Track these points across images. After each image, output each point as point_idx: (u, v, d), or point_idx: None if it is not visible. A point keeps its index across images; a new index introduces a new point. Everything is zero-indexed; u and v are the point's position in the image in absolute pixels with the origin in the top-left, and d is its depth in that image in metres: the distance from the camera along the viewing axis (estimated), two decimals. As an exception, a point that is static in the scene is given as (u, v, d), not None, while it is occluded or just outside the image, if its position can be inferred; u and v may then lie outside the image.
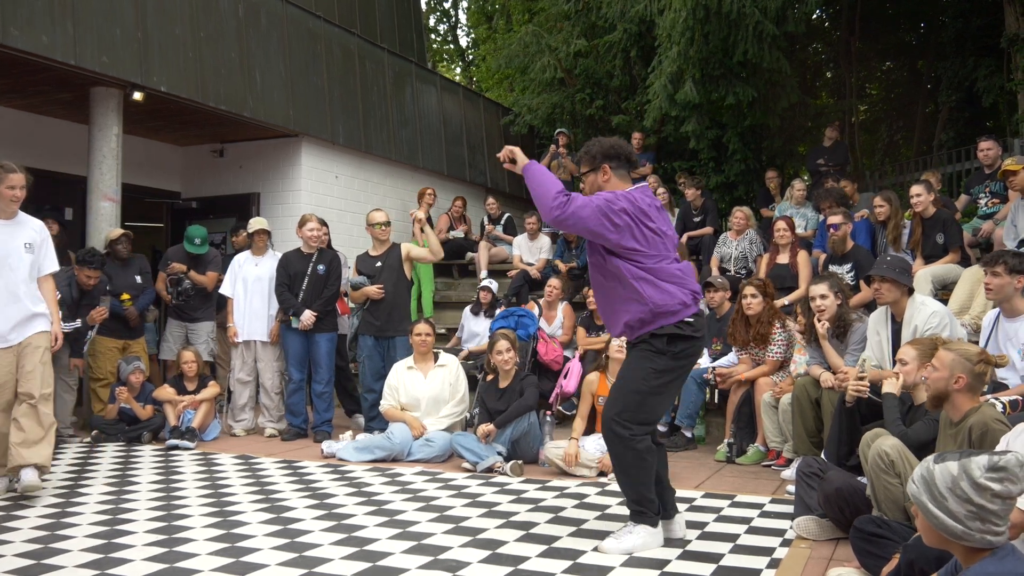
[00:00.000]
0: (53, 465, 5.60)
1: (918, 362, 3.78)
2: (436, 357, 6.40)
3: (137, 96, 7.31)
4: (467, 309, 8.46)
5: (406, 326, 6.63)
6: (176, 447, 6.34)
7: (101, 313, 6.64)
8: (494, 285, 8.41)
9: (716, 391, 6.47)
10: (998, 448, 3.02)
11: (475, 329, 8.24)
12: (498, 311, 8.06)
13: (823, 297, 5.23)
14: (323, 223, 7.37)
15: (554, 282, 7.92)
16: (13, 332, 4.78)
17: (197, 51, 7.82)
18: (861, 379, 4.18)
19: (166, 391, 6.78)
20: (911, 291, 4.90)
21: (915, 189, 6.68)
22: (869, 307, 6.15)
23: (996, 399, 3.59)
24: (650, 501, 3.77)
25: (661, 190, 9.25)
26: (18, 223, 4.89)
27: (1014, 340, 4.39)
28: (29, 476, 4.65)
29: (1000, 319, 4.56)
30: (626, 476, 3.78)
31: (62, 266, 7.24)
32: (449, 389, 6.27)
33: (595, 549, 3.74)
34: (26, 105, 8.07)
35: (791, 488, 4.56)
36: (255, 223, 7.37)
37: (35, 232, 4.95)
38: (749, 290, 6.02)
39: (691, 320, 3.70)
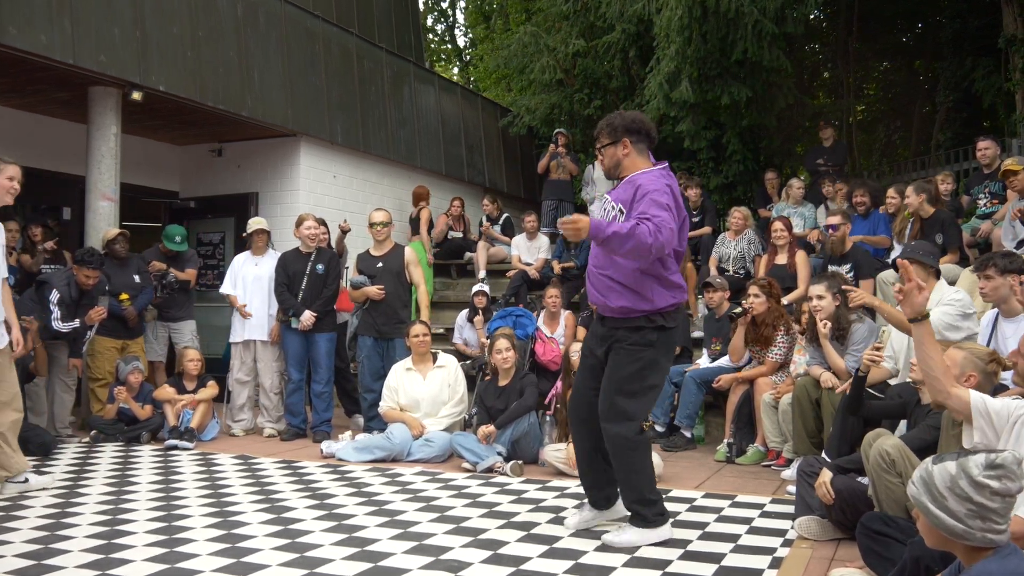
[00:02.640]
0: (52, 464, 5.61)
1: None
2: (435, 358, 6.40)
3: (136, 96, 7.29)
4: (461, 316, 8.28)
5: (405, 327, 6.62)
6: (175, 447, 6.33)
7: (100, 313, 6.62)
8: (487, 288, 8.27)
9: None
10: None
11: (469, 338, 8.16)
12: (494, 312, 8.04)
13: (819, 297, 5.24)
14: (322, 223, 7.36)
15: (553, 291, 7.82)
16: None
17: (196, 50, 7.81)
18: (879, 349, 4.28)
19: (166, 391, 6.76)
20: (938, 275, 4.93)
21: (907, 190, 6.72)
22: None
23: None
24: (651, 502, 3.83)
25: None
26: None
27: (1013, 339, 4.40)
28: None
29: (999, 319, 4.58)
30: (629, 477, 3.84)
31: (59, 266, 7.30)
32: (448, 390, 6.27)
33: (601, 539, 3.84)
34: (24, 104, 8.05)
35: (791, 488, 4.59)
36: (254, 223, 7.36)
37: (4, 235, 4.91)
38: (753, 290, 6.03)
39: (669, 311, 3.82)
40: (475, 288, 8.28)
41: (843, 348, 5.20)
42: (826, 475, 3.75)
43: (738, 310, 6.12)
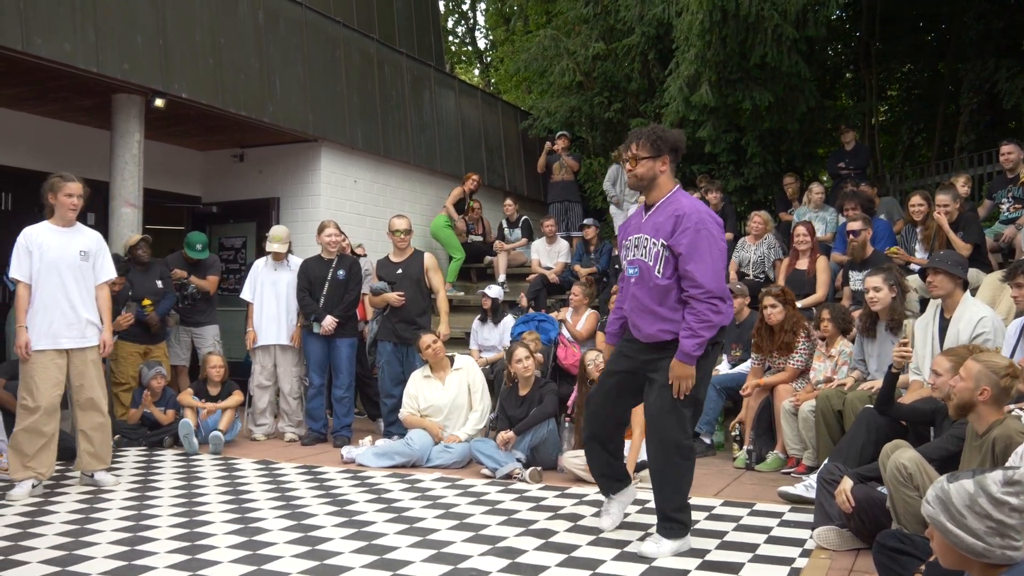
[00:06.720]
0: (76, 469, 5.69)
1: (951, 375, 3.71)
2: (452, 361, 6.42)
3: (158, 103, 7.36)
4: (475, 320, 8.30)
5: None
6: (216, 452, 6.42)
7: (127, 319, 6.72)
8: (492, 291, 8.19)
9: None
10: (1012, 460, 3.02)
11: (486, 337, 8.17)
12: (508, 316, 8.05)
13: (876, 290, 5.24)
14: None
15: (576, 289, 7.84)
16: (65, 337, 5.07)
17: (217, 57, 7.87)
18: (904, 345, 4.35)
19: (188, 398, 6.83)
20: (966, 286, 4.89)
21: (941, 198, 6.61)
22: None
23: (1021, 409, 3.56)
24: (688, 509, 3.93)
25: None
26: (75, 232, 5.22)
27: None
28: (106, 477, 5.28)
29: None
30: (679, 485, 3.89)
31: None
32: (467, 392, 6.28)
33: (638, 550, 3.83)
34: (48, 111, 8.15)
35: (785, 489, 4.84)
36: (273, 240, 7.22)
37: (90, 241, 5.28)
38: (768, 300, 5.98)
39: None
40: (481, 291, 8.33)
41: (896, 340, 5.18)
42: (847, 483, 3.75)
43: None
